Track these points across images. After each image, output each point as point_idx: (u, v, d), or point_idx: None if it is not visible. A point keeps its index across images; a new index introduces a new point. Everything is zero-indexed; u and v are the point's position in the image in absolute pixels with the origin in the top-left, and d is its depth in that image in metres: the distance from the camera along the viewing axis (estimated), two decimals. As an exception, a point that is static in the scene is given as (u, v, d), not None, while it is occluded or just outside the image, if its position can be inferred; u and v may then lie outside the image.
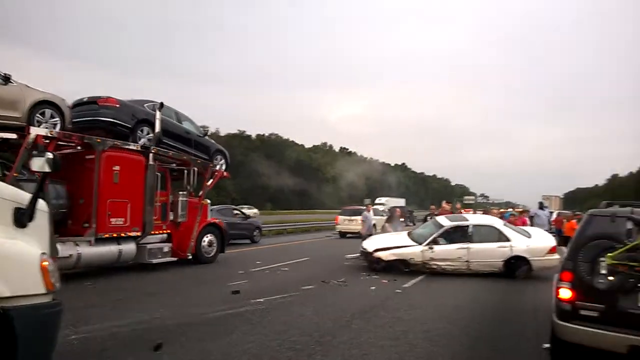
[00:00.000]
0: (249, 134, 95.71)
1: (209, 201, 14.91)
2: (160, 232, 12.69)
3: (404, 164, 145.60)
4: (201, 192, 14.07)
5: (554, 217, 21.56)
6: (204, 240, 13.75)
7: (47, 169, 3.72)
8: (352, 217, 25.30)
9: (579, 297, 5.06)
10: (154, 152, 12.06)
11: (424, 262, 12.02)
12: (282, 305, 8.30)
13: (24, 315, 3.16)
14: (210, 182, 14.39)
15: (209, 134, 15.56)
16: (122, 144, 11.43)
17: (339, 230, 27.10)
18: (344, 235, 25.84)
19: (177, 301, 8.60)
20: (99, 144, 10.80)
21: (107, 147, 10.94)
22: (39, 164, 3.73)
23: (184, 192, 13.36)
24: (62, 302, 3.57)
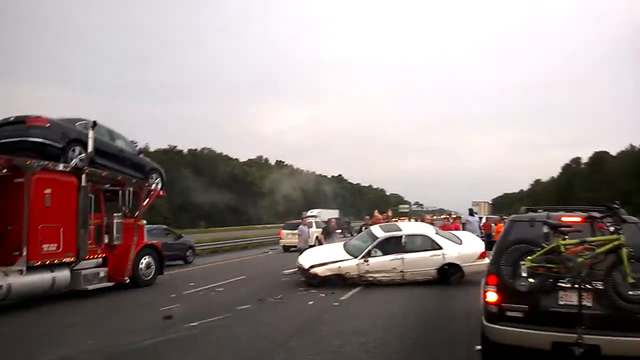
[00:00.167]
0: (180, 149, 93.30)
1: (145, 222, 14.51)
2: (95, 256, 12.14)
3: (340, 175, 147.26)
4: (137, 213, 13.63)
5: (483, 222, 22.53)
6: (142, 262, 13.29)
7: None
8: (295, 231, 25.45)
9: (504, 299, 5.27)
10: (86, 172, 11.57)
11: (359, 275, 12.09)
12: (217, 328, 8.07)
13: None
14: (146, 202, 13.99)
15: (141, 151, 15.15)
16: (54, 166, 10.84)
17: (282, 244, 27.48)
18: (288, 249, 25.88)
19: (105, 330, 8.19)
20: (29, 166, 10.12)
21: (37, 169, 10.29)
22: None
23: (119, 214, 12.86)
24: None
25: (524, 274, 5.17)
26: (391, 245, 12.40)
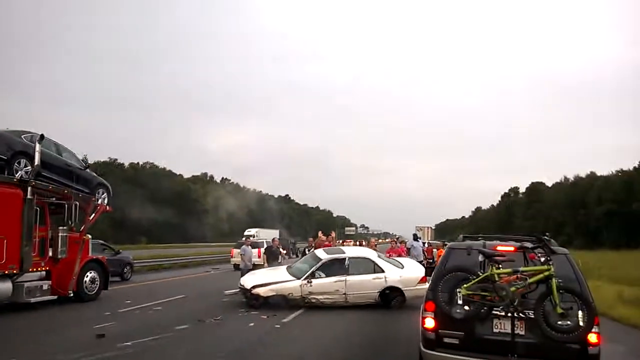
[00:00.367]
0: (122, 162, 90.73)
1: (90, 236, 14.35)
2: (38, 269, 11.96)
3: (287, 195, 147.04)
4: (83, 227, 13.46)
5: (425, 247, 23.04)
6: (86, 277, 13.27)
7: None
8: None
9: (441, 325, 5.40)
10: (32, 185, 11.46)
11: (302, 296, 12.07)
12: (153, 348, 7.81)
13: None
14: (92, 217, 13.83)
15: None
16: None
17: (233, 263, 27.43)
18: (239, 267, 25.53)
19: (31, 349, 7.77)
20: None
21: None
22: None
23: (65, 227, 12.69)
24: None
25: (460, 302, 5.32)
26: (334, 267, 12.48)
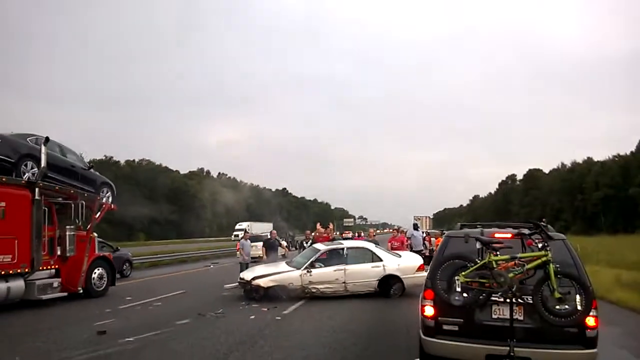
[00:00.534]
0: (117, 160, 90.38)
1: (97, 234, 14.63)
2: (48, 267, 12.38)
3: (285, 188, 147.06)
4: (89, 226, 13.75)
5: (424, 236, 23.13)
6: (94, 273, 13.66)
7: None
8: (254, 244, 25.29)
9: (441, 313, 5.44)
10: (40, 186, 11.81)
11: (303, 286, 12.15)
12: (154, 343, 7.85)
13: None
14: (98, 216, 14.19)
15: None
16: (8, 180, 11.22)
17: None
18: None
19: (35, 345, 7.83)
20: None
21: None
22: None
23: (72, 226, 13.01)
24: None
25: (459, 289, 5.35)
26: (333, 257, 12.63)
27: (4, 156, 11.50)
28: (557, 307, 5.05)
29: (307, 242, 16.17)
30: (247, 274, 12.78)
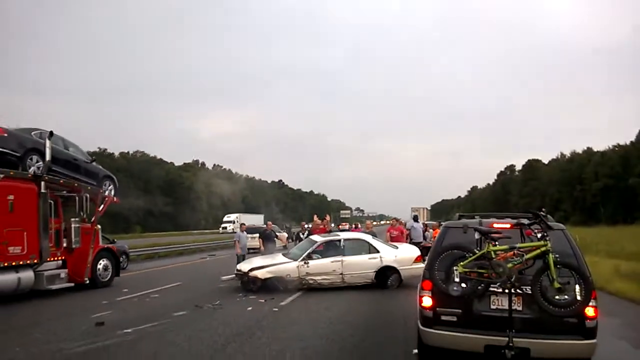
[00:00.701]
0: (112, 152, 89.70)
1: (100, 227, 14.81)
2: (55, 258, 12.73)
3: (281, 180, 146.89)
4: (93, 218, 14.05)
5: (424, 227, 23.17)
6: (99, 264, 14.00)
7: None
8: (254, 235, 25.38)
9: (439, 304, 5.41)
10: (45, 180, 12.08)
11: (300, 277, 12.13)
12: (152, 334, 7.82)
13: None
14: (101, 208, 14.50)
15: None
16: (16, 174, 11.46)
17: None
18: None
19: (34, 337, 7.79)
20: None
21: (0, 176, 10.90)
22: None
23: (77, 219, 13.33)
24: None
25: (457, 279, 5.32)
26: (330, 249, 12.64)
27: (10, 150, 11.72)
28: (557, 297, 5.02)
29: (303, 234, 16.16)
30: (244, 266, 12.76)
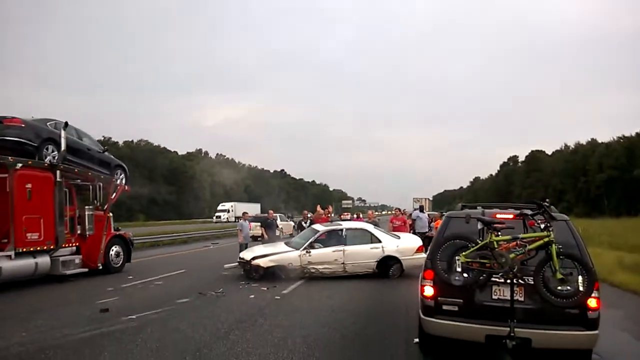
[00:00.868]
0: (116, 141, 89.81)
1: (111, 214, 15.22)
2: (70, 245, 13.19)
3: (283, 170, 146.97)
4: (106, 206, 14.56)
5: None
6: (112, 251, 14.48)
7: None
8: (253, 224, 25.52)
9: (440, 293, 5.42)
10: (61, 169, 12.49)
11: (302, 266, 12.18)
12: (156, 320, 7.90)
13: None
14: (113, 196, 14.96)
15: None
16: (33, 163, 11.82)
17: (252, 235, 27.48)
18: (256, 239, 25.85)
19: (39, 323, 7.88)
20: (12, 163, 11.15)
21: (19, 165, 11.28)
22: None
23: (90, 207, 13.95)
24: None
25: (459, 269, 5.33)
26: (332, 238, 12.66)
27: (27, 140, 12.00)
28: (559, 288, 5.02)
29: (305, 222, 16.20)
30: (247, 254, 12.82)
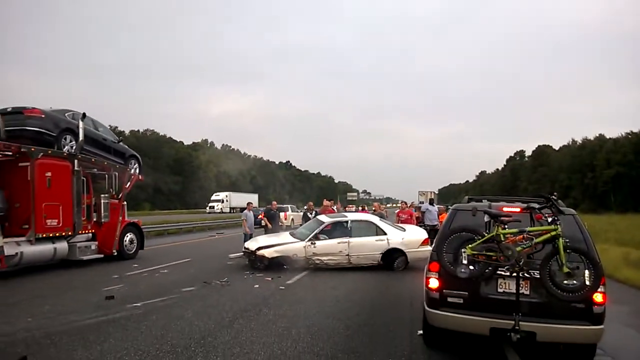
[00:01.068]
0: (122, 130, 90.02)
1: (126, 203, 15.67)
2: (86, 231, 13.71)
3: (289, 161, 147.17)
4: (121, 195, 15.08)
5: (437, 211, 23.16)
6: (126, 238, 15.06)
7: None
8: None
9: (445, 285, 5.41)
10: (78, 158, 13.04)
11: (307, 257, 12.21)
12: (161, 308, 7.95)
13: None
14: (128, 185, 15.48)
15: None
16: (53, 152, 12.23)
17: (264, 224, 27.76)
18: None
19: (45, 309, 7.96)
20: (33, 152, 11.56)
21: (40, 155, 11.73)
22: None
23: (106, 195, 14.50)
24: None
25: (465, 262, 5.31)
26: (337, 230, 12.66)
27: (46, 130, 12.40)
28: (565, 282, 5.00)
29: (311, 213, 16.22)
30: (252, 244, 12.85)
